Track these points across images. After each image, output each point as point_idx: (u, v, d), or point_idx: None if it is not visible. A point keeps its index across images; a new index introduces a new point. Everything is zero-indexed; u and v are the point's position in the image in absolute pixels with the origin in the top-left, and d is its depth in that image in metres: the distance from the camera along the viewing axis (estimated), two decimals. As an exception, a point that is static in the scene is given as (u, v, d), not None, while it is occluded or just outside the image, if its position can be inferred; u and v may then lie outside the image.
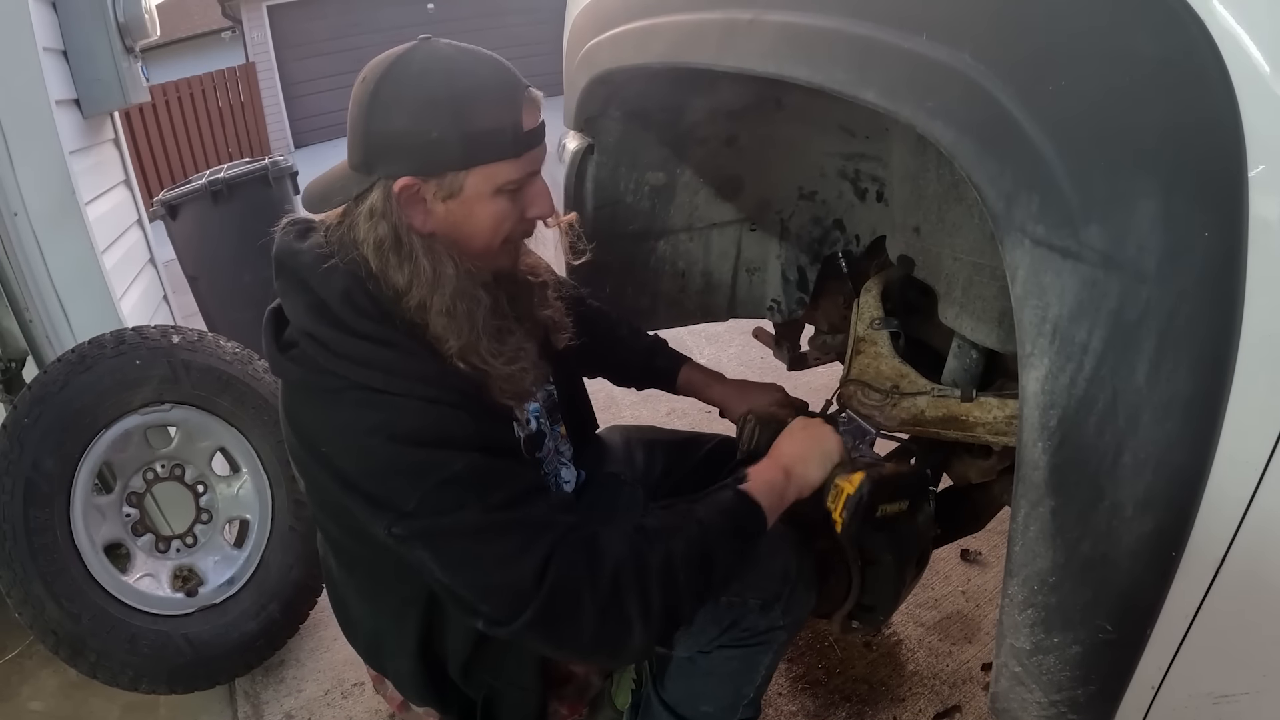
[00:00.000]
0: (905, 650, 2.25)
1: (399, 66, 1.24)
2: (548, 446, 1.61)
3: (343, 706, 2.31)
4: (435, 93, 1.22)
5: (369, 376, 1.21)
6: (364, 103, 1.24)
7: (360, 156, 1.27)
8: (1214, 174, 0.73)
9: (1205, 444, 0.80)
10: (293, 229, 1.38)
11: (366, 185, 1.27)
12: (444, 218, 1.29)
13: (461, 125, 1.22)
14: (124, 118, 3.54)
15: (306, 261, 1.30)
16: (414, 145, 1.23)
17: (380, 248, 1.27)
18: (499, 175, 1.27)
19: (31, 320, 2.56)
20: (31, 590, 2.04)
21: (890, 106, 0.97)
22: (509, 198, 1.31)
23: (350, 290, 1.25)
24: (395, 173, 1.24)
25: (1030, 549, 0.97)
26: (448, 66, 1.24)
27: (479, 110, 1.23)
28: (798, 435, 1.51)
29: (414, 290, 1.26)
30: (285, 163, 3.95)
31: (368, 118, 1.24)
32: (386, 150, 1.24)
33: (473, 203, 1.28)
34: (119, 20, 2.89)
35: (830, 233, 2.03)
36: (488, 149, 1.25)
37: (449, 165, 1.24)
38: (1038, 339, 0.86)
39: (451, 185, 1.26)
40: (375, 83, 1.24)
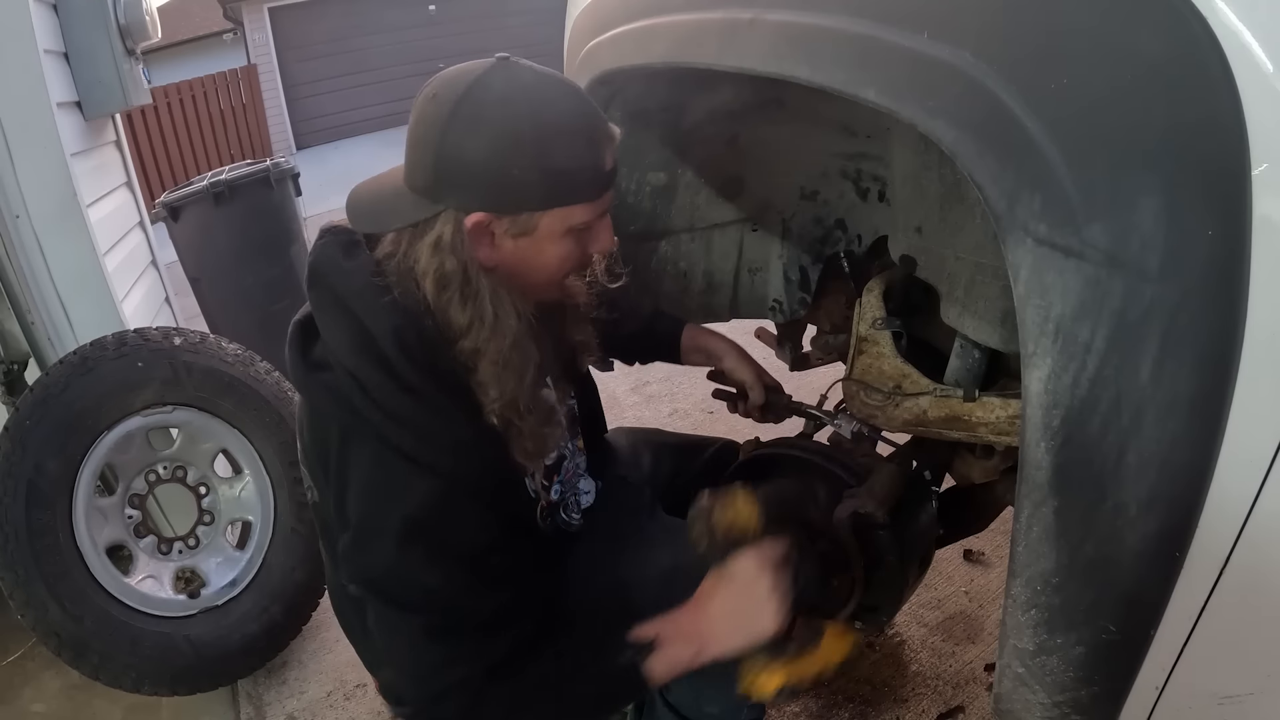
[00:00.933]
0: (908, 651, 2.24)
1: (478, 90, 1.15)
2: (566, 468, 1.59)
3: (345, 708, 2.31)
4: (519, 126, 1.14)
5: (400, 437, 1.19)
6: (436, 125, 1.15)
7: (426, 181, 1.19)
8: (1217, 172, 0.73)
9: (1209, 443, 0.79)
10: (335, 242, 1.29)
11: (430, 214, 1.19)
12: (510, 254, 1.23)
13: (544, 164, 1.16)
14: (125, 120, 3.54)
15: (355, 286, 1.22)
16: (492, 181, 1.16)
17: (444, 284, 1.20)
18: (574, 216, 1.22)
19: (33, 322, 2.56)
20: (34, 592, 2.04)
21: (891, 106, 0.97)
22: (577, 237, 1.26)
23: (402, 330, 1.19)
24: (467, 206, 1.17)
25: (1033, 550, 0.96)
26: (531, 97, 1.16)
27: (563, 149, 1.18)
28: (733, 601, 1.31)
29: (472, 333, 1.21)
30: (287, 164, 3.96)
31: (440, 143, 1.15)
32: (460, 181, 1.17)
33: (543, 242, 1.23)
34: (120, 22, 2.89)
35: (832, 233, 2.02)
36: (568, 191, 1.20)
37: (526, 205, 1.19)
38: (1040, 338, 0.86)
39: (525, 224, 1.20)
40: (452, 105, 1.14)
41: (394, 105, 15.19)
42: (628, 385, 3.92)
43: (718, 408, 1.97)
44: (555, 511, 1.56)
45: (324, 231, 1.32)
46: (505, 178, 1.15)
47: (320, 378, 1.24)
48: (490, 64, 1.18)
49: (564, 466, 1.58)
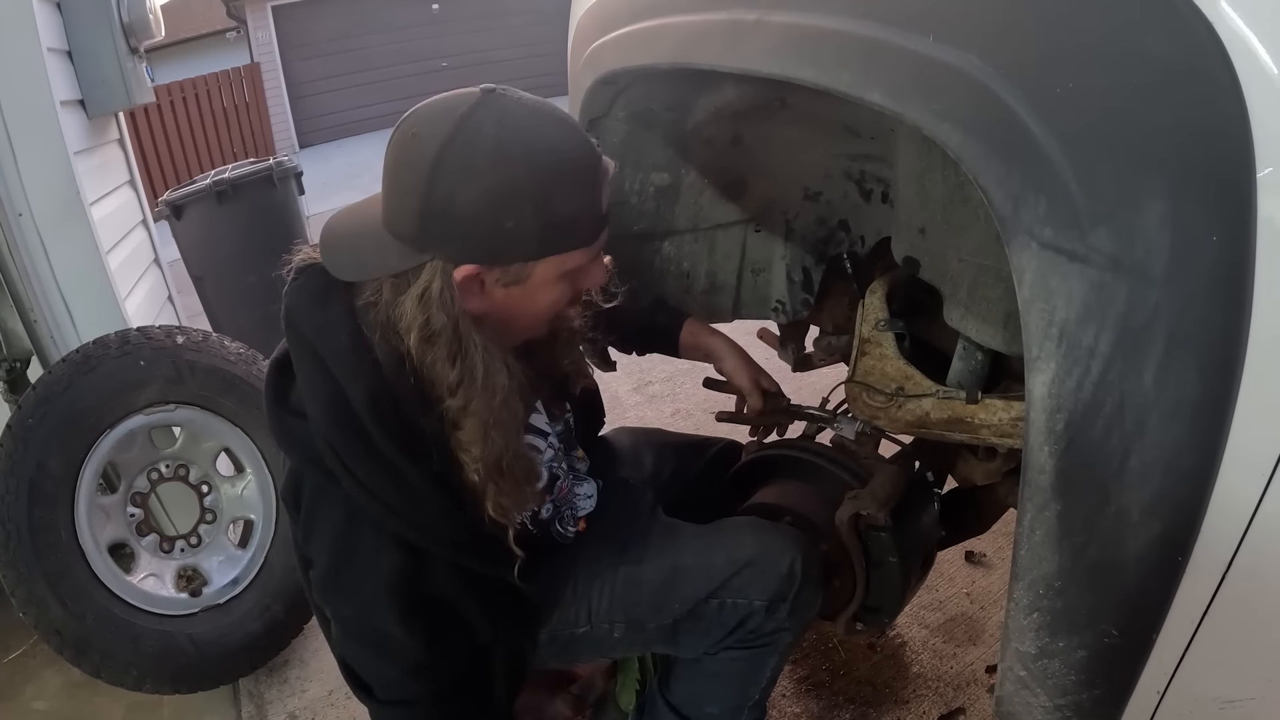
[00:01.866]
0: (909, 652, 2.24)
1: (467, 131, 1.08)
2: (560, 486, 1.57)
3: (346, 706, 2.31)
4: (515, 174, 1.08)
5: (370, 505, 1.18)
6: (422, 170, 1.08)
7: (411, 230, 1.12)
8: (1222, 177, 0.73)
9: (1212, 448, 0.79)
10: (310, 287, 1.23)
11: (415, 264, 1.13)
12: (500, 302, 1.19)
13: (542, 215, 1.10)
14: (129, 118, 3.54)
15: (331, 344, 1.17)
16: (485, 233, 1.10)
17: (430, 340, 1.15)
18: (569, 262, 1.18)
19: (36, 320, 2.57)
20: (36, 590, 2.04)
21: (897, 108, 0.97)
22: (570, 279, 1.22)
23: (376, 394, 1.15)
24: (456, 258, 1.12)
25: (1036, 553, 0.96)
26: (526, 140, 1.09)
27: (561, 198, 1.12)
28: None
29: (461, 391, 1.17)
30: (290, 163, 3.97)
31: (428, 191, 1.08)
32: (449, 232, 1.10)
33: (536, 289, 1.19)
34: (124, 21, 2.89)
35: (835, 234, 2.02)
36: (565, 239, 1.16)
37: (521, 256, 1.14)
38: (1045, 342, 0.85)
39: (519, 274, 1.16)
40: (439, 148, 1.07)
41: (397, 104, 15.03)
42: (630, 385, 3.92)
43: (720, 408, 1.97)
44: (550, 525, 1.56)
45: (298, 272, 1.26)
46: (500, 230, 1.09)
47: (297, 426, 1.20)
48: (476, 98, 1.11)
49: (557, 485, 1.57)
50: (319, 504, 1.25)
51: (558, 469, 1.56)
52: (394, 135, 1.13)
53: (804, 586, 1.46)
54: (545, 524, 1.54)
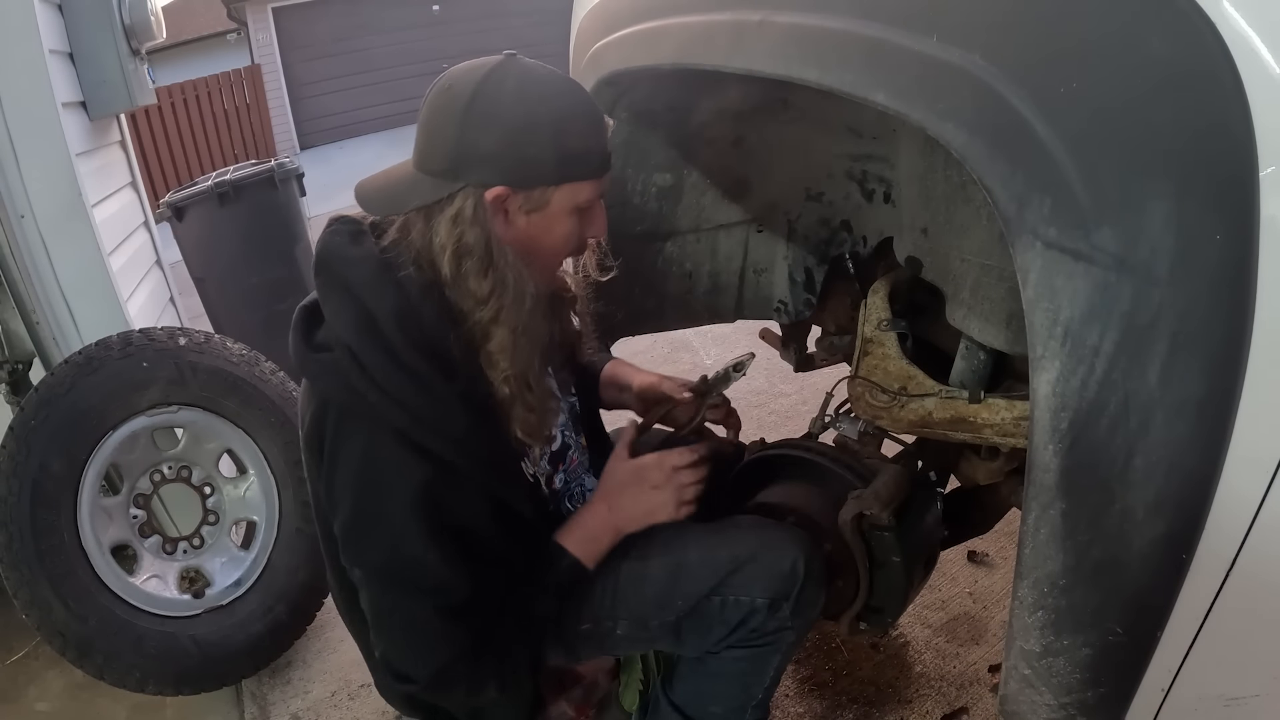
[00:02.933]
0: (912, 652, 2.24)
1: (494, 80, 1.25)
2: (572, 457, 1.62)
3: (349, 708, 2.31)
4: (534, 110, 1.25)
5: (397, 416, 1.23)
6: (455, 113, 1.25)
7: (444, 164, 1.27)
8: (1225, 176, 0.73)
9: (1216, 446, 0.80)
10: (343, 230, 1.36)
11: (447, 192, 1.27)
12: (523, 230, 1.32)
13: (558, 144, 1.26)
14: (130, 120, 3.55)
15: (361, 272, 1.29)
16: (511, 158, 1.25)
17: (463, 254, 1.28)
18: (580, 194, 1.33)
19: (38, 322, 2.57)
20: (39, 592, 2.04)
21: (901, 108, 0.97)
22: (579, 217, 1.36)
23: (404, 312, 1.26)
24: (486, 181, 1.26)
25: (1041, 552, 0.96)
26: (543, 86, 1.28)
27: (573, 131, 1.29)
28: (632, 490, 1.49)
29: (493, 301, 1.29)
30: (291, 164, 3.96)
31: (461, 128, 1.25)
32: (480, 161, 1.26)
33: (553, 219, 1.33)
34: (125, 22, 2.90)
35: (837, 234, 2.02)
36: (578, 168, 1.30)
37: (541, 180, 1.28)
38: (1049, 342, 0.86)
39: (539, 199, 1.30)
40: (470, 96, 1.25)
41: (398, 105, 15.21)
42: (631, 386, 3.92)
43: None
44: (560, 500, 1.59)
45: (332, 221, 1.38)
46: (523, 155, 1.25)
47: (321, 358, 1.29)
48: (500, 59, 1.29)
49: (569, 455, 1.61)
50: (342, 435, 1.28)
51: (569, 439, 1.61)
52: (428, 95, 1.31)
53: (806, 585, 1.46)
54: (557, 497, 1.58)
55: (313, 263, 1.35)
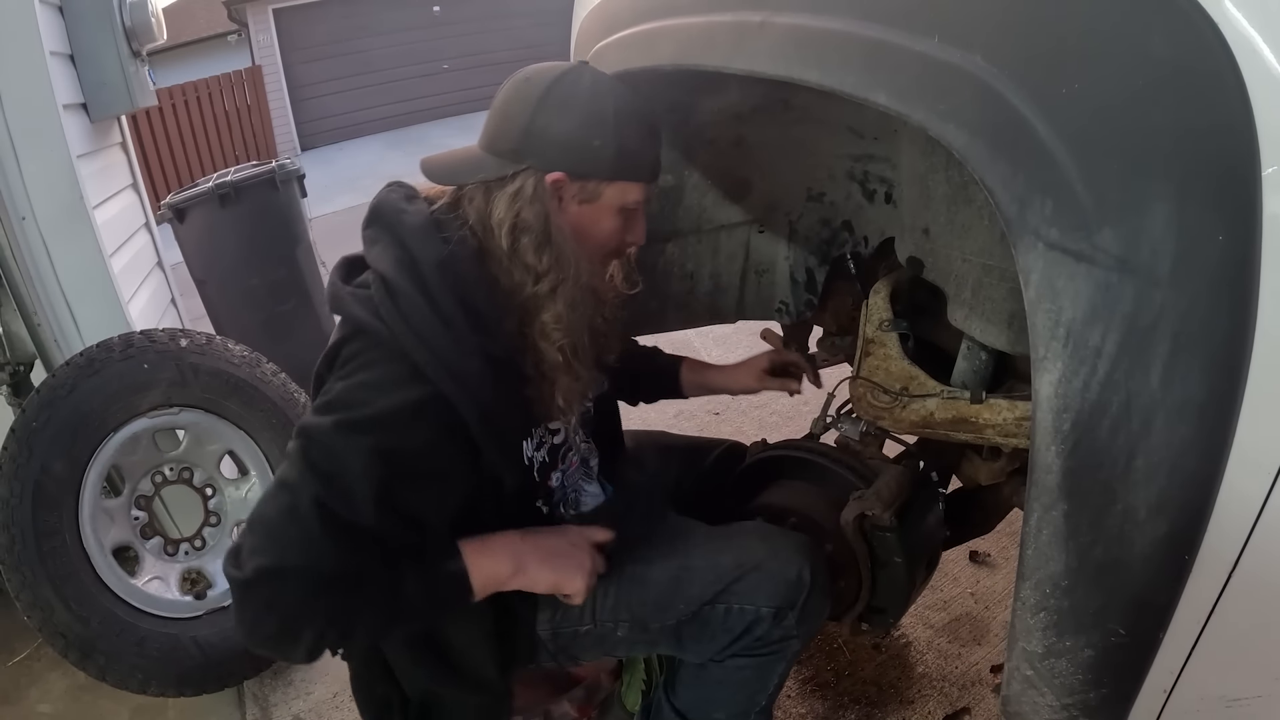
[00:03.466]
0: (914, 652, 2.24)
1: (570, 77, 1.36)
2: (571, 458, 1.61)
3: (350, 709, 2.30)
4: (604, 106, 1.35)
5: (417, 350, 1.24)
6: (530, 99, 1.34)
7: (512, 145, 1.35)
8: (1227, 176, 0.73)
9: (1219, 447, 0.80)
10: (399, 190, 1.43)
11: (510, 171, 1.35)
12: (573, 218, 1.39)
13: (619, 141, 1.35)
14: (131, 121, 3.55)
15: (412, 223, 1.34)
16: (575, 147, 1.34)
17: (521, 230, 1.34)
18: (629, 194, 1.41)
19: (40, 324, 2.57)
20: (40, 593, 2.05)
21: (902, 109, 0.97)
22: (623, 218, 1.44)
23: (445, 262, 1.30)
24: (548, 165, 1.34)
25: (1043, 552, 0.96)
26: (615, 89, 1.38)
27: (634, 133, 1.38)
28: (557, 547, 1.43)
29: (550, 275, 1.35)
30: (292, 165, 3.95)
31: (535, 112, 1.33)
32: (546, 145, 1.34)
33: (601, 212, 1.41)
34: (125, 24, 2.90)
35: (839, 234, 2.02)
36: (632, 168, 1.39)
37: (598, 173, 1.37)
38: (1051, 342, 0.86)
39: (593, 191, 1.38)
40: (547, 86, 1.34)
41: (399, 106, 15.24)
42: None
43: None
44: (554, 502, 1.58)
45: (389, 184, 1.46)
46: (586, 146, 1.34)
47: (355, 291, 1.32)
48: (576, 64, 1.41)
49: (569, 456, 1.60)
50: (360, 356, 1.28)
51: (573, 438, 1.61)
52: (504, 86, 1.41)
53: (812, 594, 1.46)
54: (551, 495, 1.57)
55: (364, 217, 1.40)
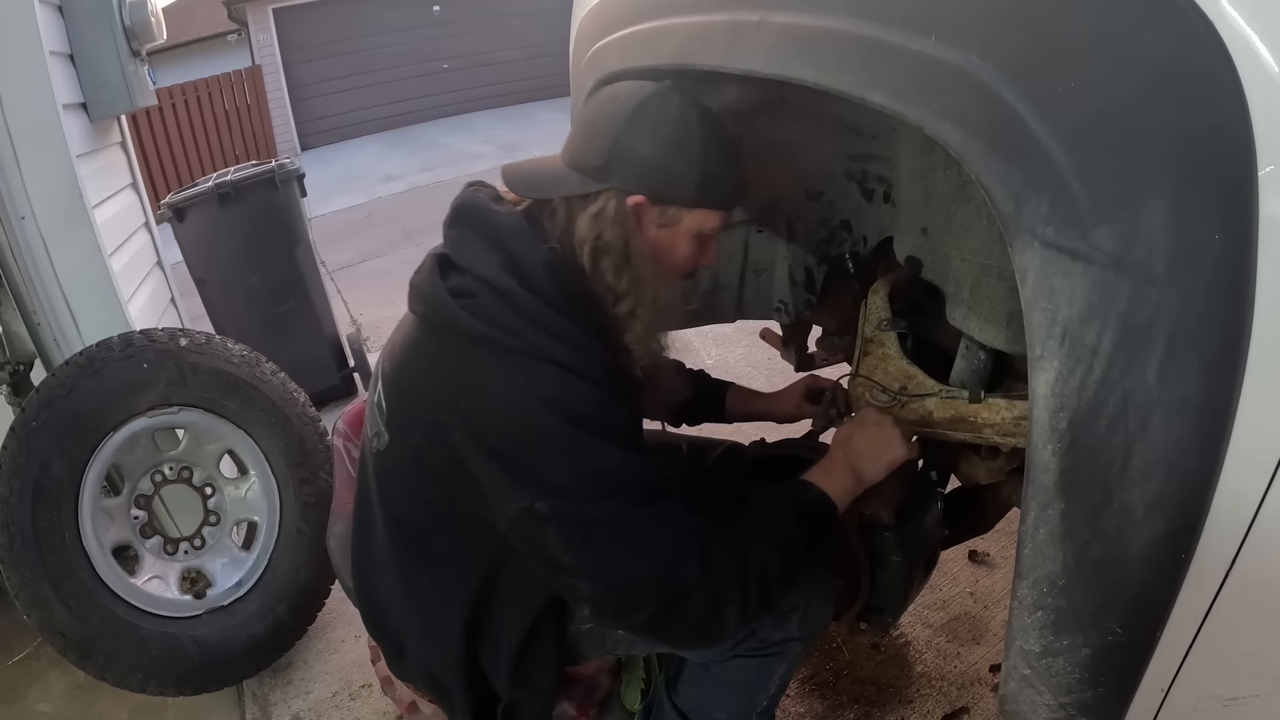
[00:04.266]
0: (913, 651, 2.24)
1: (659, 99, 1.33)
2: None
3: (350, 708, 2.31)
4: (691, 133, 1.32)
5: (555, 348, 1.24)
6: (617, 118, 1.32)
7: (597, 163, 1.33)
8: (1224, 175, 0.73)
9: (1215, 446, 0.80)
10: (483, 191, 1.42)
11: (593, 190, 1.33)
12: (651, 241, 1.37)
13: (704, 168, 1.33)
14: (131, 121, 3.54)
15: (506, 223, 1.34)
16: (659, 171, 1.32)
17: (602, 251, 1.33)
18: (708, 221, 1.39)
19: (39, 323, 2.57)
20: (40, 593, 2.05)
21: (898, 108, 0.97)
22: (699, 243, 1.42)
23: (552, 264, 1.29)
24: (630, 188, 1.32)
25: (1040, 551, 0.96)
26: (703, 116, 1.35)
27: (718, 161, 1.35)
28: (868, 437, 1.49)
29: (630, 298, 1.35)
30: (292, 165, 3.95)
31: (622, 132, 1.31)
32: (631, 166, 1.31)
33: (679, 237, 1.39)
34: (125, 24, 2.89)
35: (837, 233, 2.02)
36: (714, 196, 1.37)
37: (680, 199, 1.34)
38: (1047, 341, 0.86)
39: (673, 217, 1.36)
40: (635, 106, 1.32)
41: (399, 105, 15.22)
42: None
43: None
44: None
45: (470, 184, 1.45)
46: (670, 171, 1.32)
47: (464, 304, 1.28)
48: (666, 84, 1.37)
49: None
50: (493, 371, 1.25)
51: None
52: (590, 101, 1.42)
53: (815, 597, 1.46)
54: None
55: (447, 217, 1.39)
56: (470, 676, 1.48)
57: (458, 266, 1.33)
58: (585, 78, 1.80)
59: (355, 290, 6.50)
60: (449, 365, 1.30)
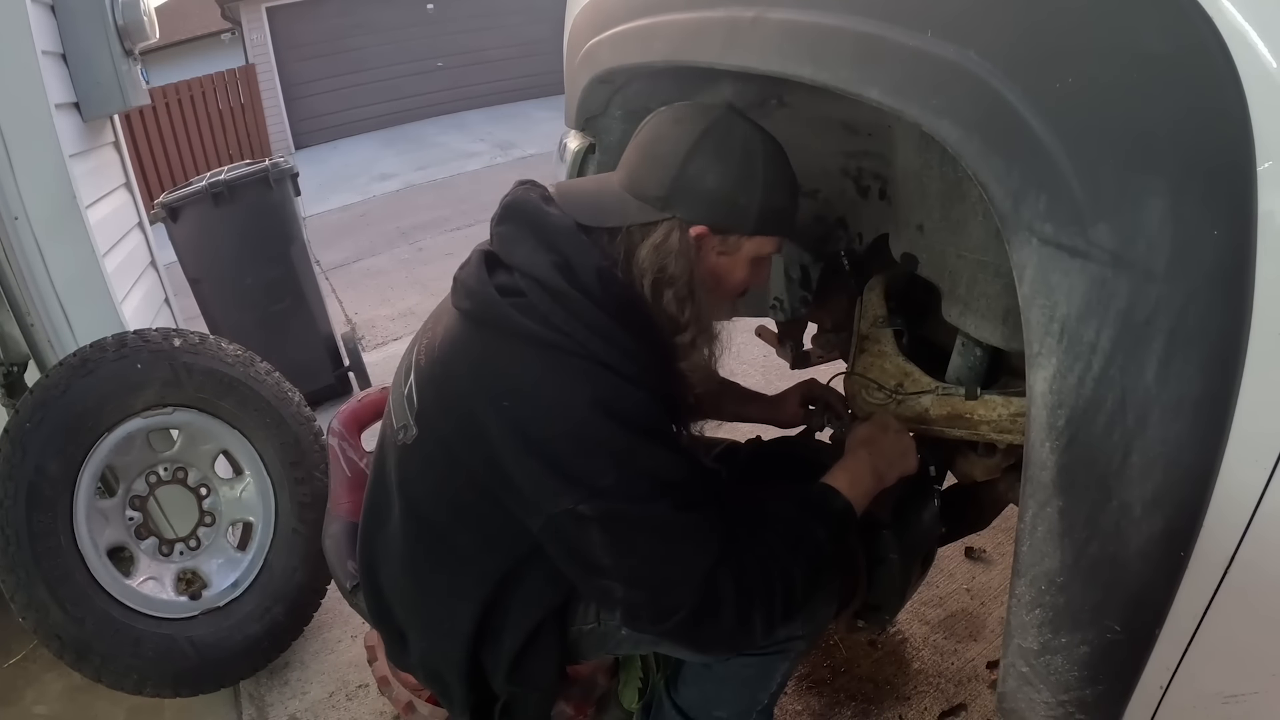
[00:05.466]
0: (910, 649, 2.24)
1: (723, 127, 1.32)
2: None
3: (347, 709, 2.31)
4: (754, 165, 1.31)
5: (606, 352, 1.24)
6: (683, 145, 1.31)
7: (659, 191, 1.31)
8: (1222, 171, 0.73)
9: (1214, 443, 0.79)
10: (535, 191, 1.40)
11: (655, 219, 1.32)
12: (711, 268, 1.38)
13: (766, 199, 1.32)
14: (124, 121, 3.53)
15: (560, 224, 1.32)
16: (722, 202, 1.31)
17: (665, 283, 1.33)
18: (766, 247, 1.39)
19: (33, 324, 2.56)
20: (35, 594, 2.04)
21: (895, 105, 0.97)
22: (755, 266, 1.42)
23: (605, 271, 1.29)
24: (693, 218, 1.31)
25: (1038, 549, 0.96)
26: (766, 144, 1.34)
27: (779, 190, 1.35)
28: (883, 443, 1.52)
29: (690, 329, 1.37)
30: (286, 164, 3.94)
31: (686, 162, 1.30)
32: (694, 196, 1.31)
33: (738, 264, 1.39)
34: (118, 23, 2.88)
35: (833, 231, 2.02)
36: (773, 225, 1.37)
37: (740, 228, 1.34)
38: (1045, 338, 0.85)
39: (734, 245, 1.36)
40: (700, 134, 1.31)
41: (393, 104, 15.20)
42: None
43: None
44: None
45: (520, 183, 1.44)
46: (734, 203, 1.32)
47: (513, 302, 1.27)
48: (725, 107, 1.36)
49: None
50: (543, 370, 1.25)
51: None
52: (651, 121, 1.40)
53: (818, 595, 1.46)
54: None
55: (497, 214, 1.38)
56: (471, 673, 1.47)
57: (506, 264, 1.32)
58: (580, 75, 1.80)
59: (350, 289, 6.49)
60: (494, 362, 1.29)
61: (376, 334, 5.35)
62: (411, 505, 1.45)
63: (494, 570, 1.40)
